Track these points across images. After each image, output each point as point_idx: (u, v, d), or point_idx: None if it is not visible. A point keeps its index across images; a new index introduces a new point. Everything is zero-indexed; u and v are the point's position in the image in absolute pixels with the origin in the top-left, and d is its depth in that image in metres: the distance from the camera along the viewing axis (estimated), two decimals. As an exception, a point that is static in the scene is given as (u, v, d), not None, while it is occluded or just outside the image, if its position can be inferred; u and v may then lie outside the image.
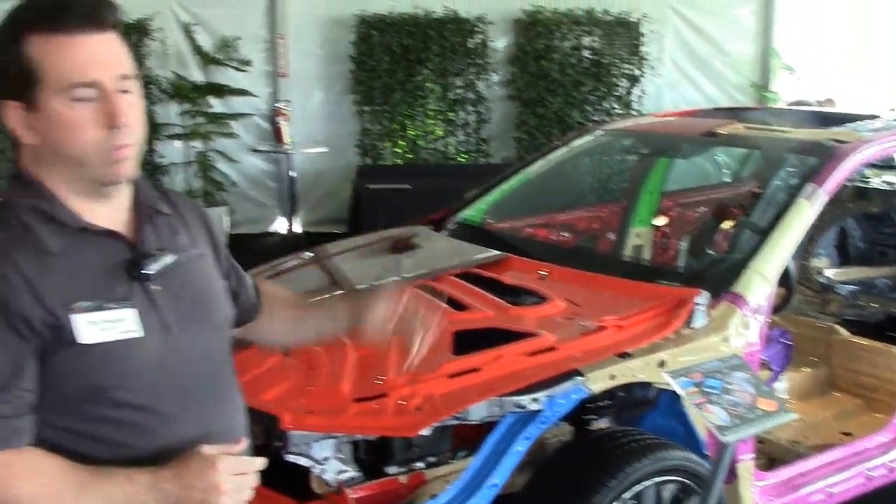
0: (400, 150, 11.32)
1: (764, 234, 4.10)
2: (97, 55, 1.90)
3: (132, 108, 1.95)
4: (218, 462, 1.92)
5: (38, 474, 1.82)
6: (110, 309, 1.91)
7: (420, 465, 3.39)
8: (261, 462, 2.03)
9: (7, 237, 1.88)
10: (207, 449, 1.94)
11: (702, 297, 3.65)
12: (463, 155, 11.43)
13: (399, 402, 3.12)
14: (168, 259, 2.04)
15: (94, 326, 1.88)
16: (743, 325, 3.72)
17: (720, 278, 3.97)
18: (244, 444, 2.07)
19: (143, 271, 1.98)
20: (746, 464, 3.80)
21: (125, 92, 1.94)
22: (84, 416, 1.90)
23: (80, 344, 1.86)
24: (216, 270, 2.30)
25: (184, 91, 10.81)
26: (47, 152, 1.93)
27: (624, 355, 3.37)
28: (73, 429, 1.91)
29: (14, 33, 1.88)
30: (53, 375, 1.87)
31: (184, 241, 2.17)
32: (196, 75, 11.15)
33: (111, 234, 2.00)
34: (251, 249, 10.37)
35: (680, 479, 3.44)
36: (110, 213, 2.02)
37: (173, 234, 2.15)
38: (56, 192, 1.95)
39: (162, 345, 1.98)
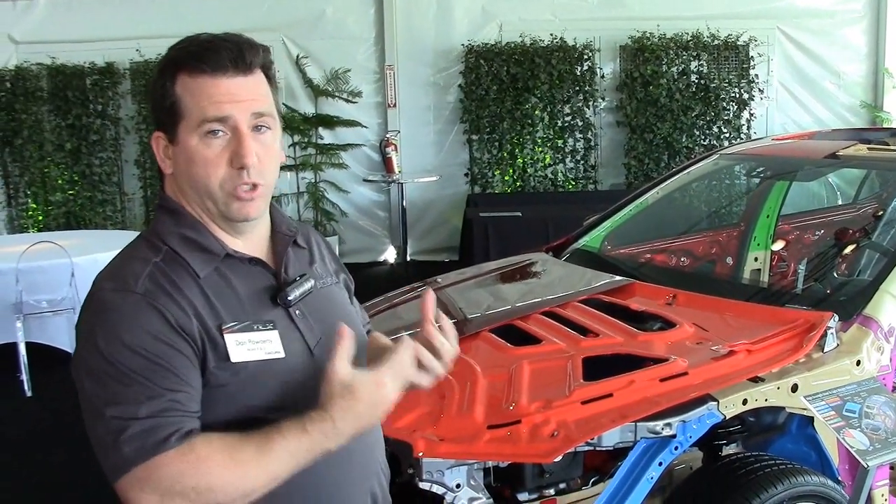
0: (509, 179, 11.37)
1: (893, 255, 4.04)
2: (233, 93, 1.97)
3: (265, 148, 2.01)
4: (382, 376, 1.93)
5: (220, 451, 1.85)
6: (257, 330, 1.98)
7: (551, 491, 3.40)
8: (410, 347, 2.01)
9: (161, 259, 1.97)
10: (351, 372, 1.92)
11: (833, 321, 3.61)
12: (571, 182, 11.43)
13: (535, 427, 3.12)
14: (307, 285, 2.11)
15: (242, 346, 1.95)
16: (875, 347, 3.64)
17: (849, 301, 3.91)
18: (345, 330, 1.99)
19: (287, 297, 2.05)
20: (882, 490, 3.72)
21: (260, 130, 2.01)
22: None
23: (231, 362, 1.93)
24: (348, 298, 2.38)
25: (294, 123, 11.02)
26: (180, 183, 2.03)
27: (756, 380, 3.32)
28: None
29: (169, 71, 1.99)
30: (206, 399, 1.93)
31: (319, 271, 2.24)
32: (306, 107, 11.39)
33: (254, 261, 2.08)
34: (361, 279, 10.47)
35: (815, 505, 3.39)
36: (250, 240, 2.10)
37: (310, 264, 2.23)
38: (201, 220, 2.04)
39: (303, 366, 2.04)
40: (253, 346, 1.96)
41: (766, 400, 3.32)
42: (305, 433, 1.88)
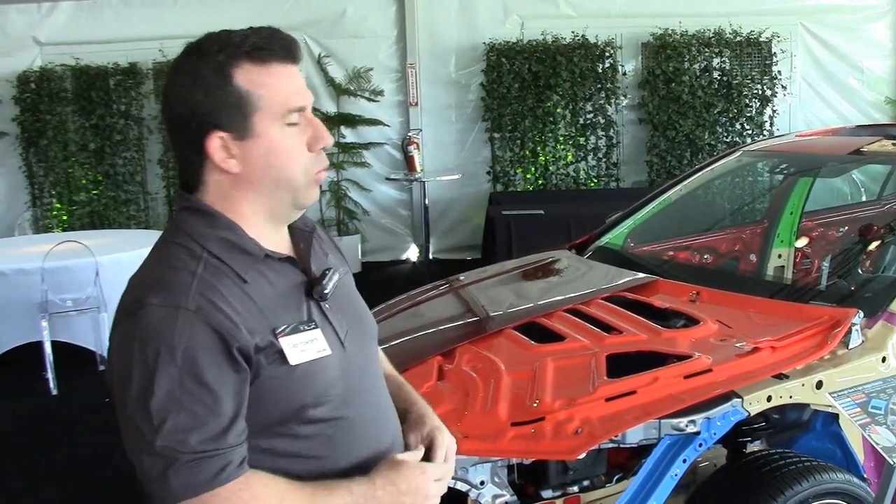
0: (531, 177, 11.35)
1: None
2: (300, 82, 2.00)
3: None
4: (428, 469, 2.04)
5: (274, 494, 1.87)
6: (305, 330, 1.98)
7: (575, 488, 3.40)
8: (451, 469, 2.16)
9: (204, 269, 1.91)
10: (405, 456, 2.06)
11: (857, 317, 3.59)
12: (594, 179, 11.41)
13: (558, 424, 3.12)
14: (335, 277, 2.11)
15: (296, 348, 1.94)
16: (901, 344, 3.62)
17: (874, 297, 3.89)
18: (421, 450, 2.15)
19: (323, 291, 2.05)
20: (908, 487, 3.71)
21: None
22: (281, 435, 1.95)
23: (288, 366, 1.92)
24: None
25: (316, 122, 10.96)
26: (252, 179, 1.97)
27: (780, 377, 3.31)
28: (273, 449, 1.94)
29: (223, 66, 1.93)
30: (258, 400, 1.91)
31: (334, 261, 2.24)
32: (328, 106, 11.39)
33: (287, 260, 2.06)
34: (383, 277, 10.51)
35: (840, 502, 3.35)
36: (280, 238, 2.09)
37: (326, 255, 2.23)
38: (238, 222, 1.99)
39: (340, 359, 2.03)
40: (305, 346, 1.96)
41: (790, 397, 3.31)
42: (349, 492, 1.95)
